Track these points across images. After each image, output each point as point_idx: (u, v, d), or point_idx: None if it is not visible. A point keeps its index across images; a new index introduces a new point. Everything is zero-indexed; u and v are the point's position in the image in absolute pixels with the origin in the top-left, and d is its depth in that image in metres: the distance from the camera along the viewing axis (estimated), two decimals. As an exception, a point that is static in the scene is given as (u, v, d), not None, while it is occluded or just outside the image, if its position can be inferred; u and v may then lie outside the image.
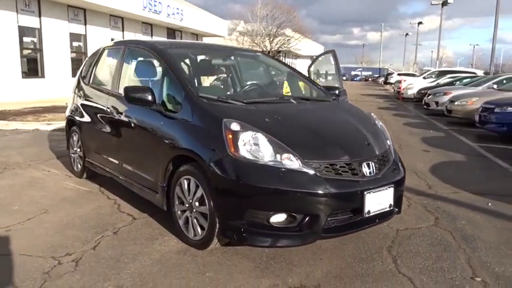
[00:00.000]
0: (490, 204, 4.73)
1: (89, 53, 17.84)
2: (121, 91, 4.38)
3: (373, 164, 3.22)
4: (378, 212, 3.17)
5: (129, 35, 20.75)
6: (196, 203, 3.28)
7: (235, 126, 3.08)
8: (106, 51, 5.21)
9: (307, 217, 2.94)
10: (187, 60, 4.45)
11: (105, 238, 3.56)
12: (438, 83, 20.63)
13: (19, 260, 3.13)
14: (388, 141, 3.68)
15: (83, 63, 5.72)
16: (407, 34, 67.58)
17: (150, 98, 3.63)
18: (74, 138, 5.42)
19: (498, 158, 7.42)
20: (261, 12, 39.13)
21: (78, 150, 5.33)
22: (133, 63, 4.51)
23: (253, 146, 3.01)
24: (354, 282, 2.92)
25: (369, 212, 3.09)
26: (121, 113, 4.20)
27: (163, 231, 3.73)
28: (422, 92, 19.17)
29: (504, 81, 14.73)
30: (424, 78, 24.70)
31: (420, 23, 56.29)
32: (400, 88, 24.84)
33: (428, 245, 3.59)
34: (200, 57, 4.72)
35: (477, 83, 15.31)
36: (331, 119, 3.79)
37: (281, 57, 44.73)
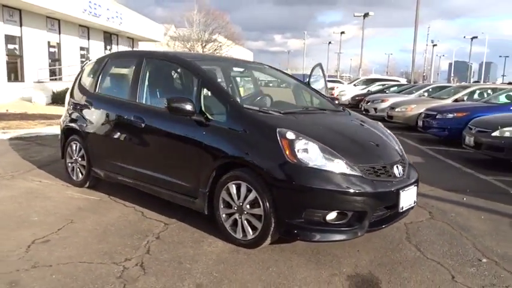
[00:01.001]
0: (464, 199, 5.48)
1: (26, 56, 16.96)
2: (142, 100, 4.54)
3: (400, 166, 3.73)
4: (408, 207, 3.68)
5: (67, 38, 19.91)
6: (247, 206, 3.56)
7: (290, 135, 3.42)
8: (113, 61, 5.26)
9: (357, 214, 3.36)
10: (215, 73, 4.69)
11: (152, 243, 3.70)
12: (369, 90, 22.24)
13: (83, 267, 3.20)
14: (400, 146, 4.22)
15: (81, 72, 5.67)
16: (330, 42, 71.11)
17: (191, 108, 3.84)
18: (74, 148, 5.35)
19: (448, 159, 8.41)
20: (196, 18, 39.14)
21: (80, 159, 5.29)
22: (155, 74, 4.64)
23: (308, 152, 3.38)
24: (397, 268, 3.38)
25: (402, 207, 3.58)
26: (148, 123, 4.32)
27: (203, 234, 3.93)
28: (357, 98, 20.54)
29: (430, 90, 16.42)
30: (354, 85, 26.42)
31: (343, 32, 59.60)
32: (332, 94, 26.30)
33: (437, 234, 4.17)
34: (220, 69, 4.97)
35: (409, 91, 16.85)
36: (356, 127, 4.25)
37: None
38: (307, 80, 5.54)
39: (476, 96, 13.56)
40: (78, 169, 5.35)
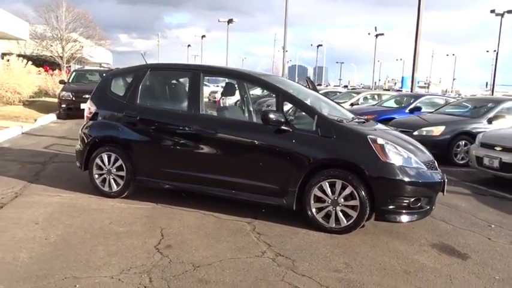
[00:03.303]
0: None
1: None
2: (204, 111, 4.96)
3: (435, 162, 4.93)
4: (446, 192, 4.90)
5: None
6: (342, 199, 4.36)
7: (380, 140, 4.35)
8: (155, 73, 5.42)
9: (427, 198, 4.44)
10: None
11: (261, 238, 4.22)
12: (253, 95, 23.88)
13: (236, 263, 3.64)
14: None
15: (106, 81, 5.60)
16: (189, 45, 72.10)
17: (283, 119, 4.47)
18: (106, 158, 5.33)
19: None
20: (65, 15, 36.05)
21: (115, 170, 5.31)
22: (216, 89, 5.03)
23: (396, 153, 4.35)
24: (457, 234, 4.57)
25: (445, 192, 4.77)
26: (223, 133, 4.76)
27: (291, 228, 4.53)
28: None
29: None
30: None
31: (204, 36, 61.19)
32: (216, 99, 27.30)
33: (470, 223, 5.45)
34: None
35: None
36: (398, 132, 5.33)
37: (73, 65, 41.99)
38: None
39: (361, 100, 16.01)
40: (112, 180, 5.35)
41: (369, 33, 52.17)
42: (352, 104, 14.90)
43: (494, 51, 56.65)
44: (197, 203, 5.15)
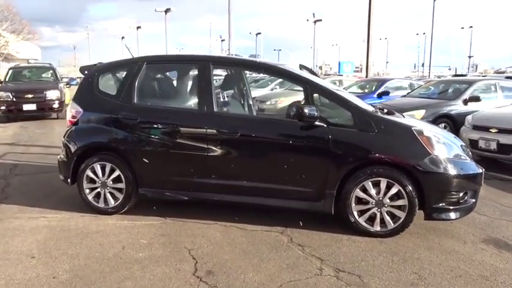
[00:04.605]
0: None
1: None
2: (221, 110, 4.34)
3: (468, 149, 4.65)
4: None
5: None
6: (387, 200, 3.94)
7: (427, 132, 3.96)
8: (153, 67, 4.66)
9: (473, 192, 4.14)
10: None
11: (307, 250, 3.72)
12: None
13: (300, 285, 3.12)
14: None
15: (90, 78, 4.74)
16: (123, 37, 68.90)
17: (317, 113, 3.95)
18: (98, 169, 4.54)
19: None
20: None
21: (111, 182, 4.55)
22: (231, 82, 4.41)
23: (442, 145, 3.98)
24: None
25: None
26: (245, 133, 4.16)
27: (332, 235, 4.06)
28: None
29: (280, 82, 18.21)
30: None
31: (139, 27, 58.63)
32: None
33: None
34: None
35: (260, 84, 18.30)
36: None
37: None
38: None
39: None
40: (108, 194, 4.57)
41: (307, 20, 52.60)
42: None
43: (424, 33, 59.41)
44: (209, 213, 4.54)
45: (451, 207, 3.98)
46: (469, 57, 60.80)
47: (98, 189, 4.59)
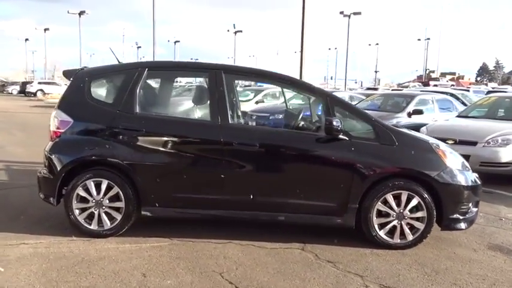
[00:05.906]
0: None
1: None
2: (237, 121, 4.14)
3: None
4: None
5: None
6: (408, 212, 4.00)
7: (443, 145, 4.10)
8: (155, 74, 4.29)
9: (475, 202, 4.36)
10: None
11: (340, 266, 3.64)
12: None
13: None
14: None
15: (81, 83, 4.20)
16: (27, 39, 63.72)
17: (342, 127, 3.91)
18: (91, 187, 4.05)
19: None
20: None
21: (107, 201, 4.08)
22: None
23: (455, 158, 4.16)
24: None
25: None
26: (265, 145, 3.98)
27: (356, 249, 4.00)
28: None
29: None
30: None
31: (47, 29, 54.69)
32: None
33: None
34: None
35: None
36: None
37: None
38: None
39: (268, 98, 15.58)
40: (103, 214, 4.09)
41: (228, 30, 52.98)
42: (257, 102, 14.65)
43: (336, 48, 62.96)
44: (213, 231, 4.28)
45: (461, 218, 4.14)
46: (375, 72, 65.54)
47: (92, 209, 4.08)
